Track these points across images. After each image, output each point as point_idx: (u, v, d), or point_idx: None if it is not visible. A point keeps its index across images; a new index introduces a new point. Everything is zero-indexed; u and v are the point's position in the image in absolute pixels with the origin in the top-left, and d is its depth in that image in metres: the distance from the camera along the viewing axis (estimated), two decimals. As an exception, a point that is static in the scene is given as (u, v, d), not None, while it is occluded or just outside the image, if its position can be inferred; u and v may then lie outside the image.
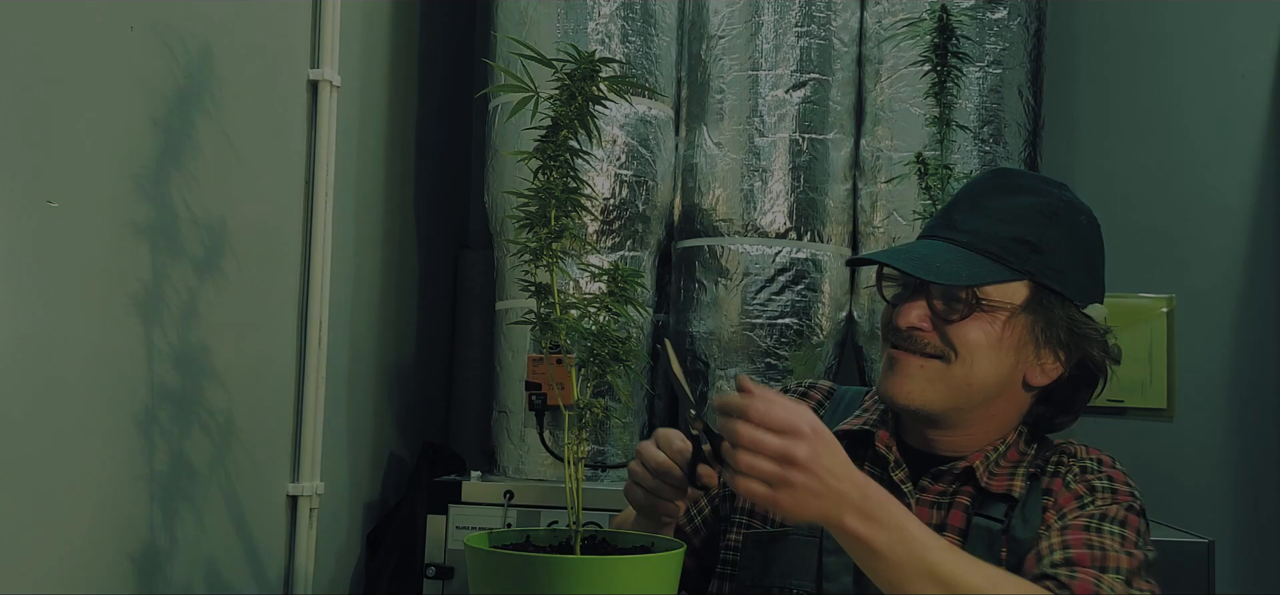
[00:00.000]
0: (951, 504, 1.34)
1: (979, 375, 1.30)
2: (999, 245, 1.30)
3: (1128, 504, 1.30)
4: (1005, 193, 1.34)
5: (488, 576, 1.09)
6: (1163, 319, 2.87)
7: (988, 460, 1.34)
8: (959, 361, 1.29)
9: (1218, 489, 2.84)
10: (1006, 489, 1.32)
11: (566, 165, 1.12)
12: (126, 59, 1.57)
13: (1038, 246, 1.30)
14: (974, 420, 1.34)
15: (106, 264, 1.54)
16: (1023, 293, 1.30)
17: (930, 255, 1.31)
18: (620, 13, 2.36)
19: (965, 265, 1.29)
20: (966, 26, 2.23)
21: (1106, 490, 1.30)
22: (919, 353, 1.31)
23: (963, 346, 1.29)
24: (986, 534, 1.30)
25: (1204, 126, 2.91)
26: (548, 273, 1.13)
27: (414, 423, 2.69)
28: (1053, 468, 1.34)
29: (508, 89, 1.11)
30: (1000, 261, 1.29)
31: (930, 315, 1.30)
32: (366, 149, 2.40)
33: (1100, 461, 1.35)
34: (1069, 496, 1.31)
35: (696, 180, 2.44)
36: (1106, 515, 1.27)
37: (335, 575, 2.30)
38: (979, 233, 1.31)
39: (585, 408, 1.14)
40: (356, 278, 2.36)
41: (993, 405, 1.33)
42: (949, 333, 1.29)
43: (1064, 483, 1.32)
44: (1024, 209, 1.32)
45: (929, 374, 1.30)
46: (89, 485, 1.52)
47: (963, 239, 1.31)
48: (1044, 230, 1.31)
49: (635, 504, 1.35)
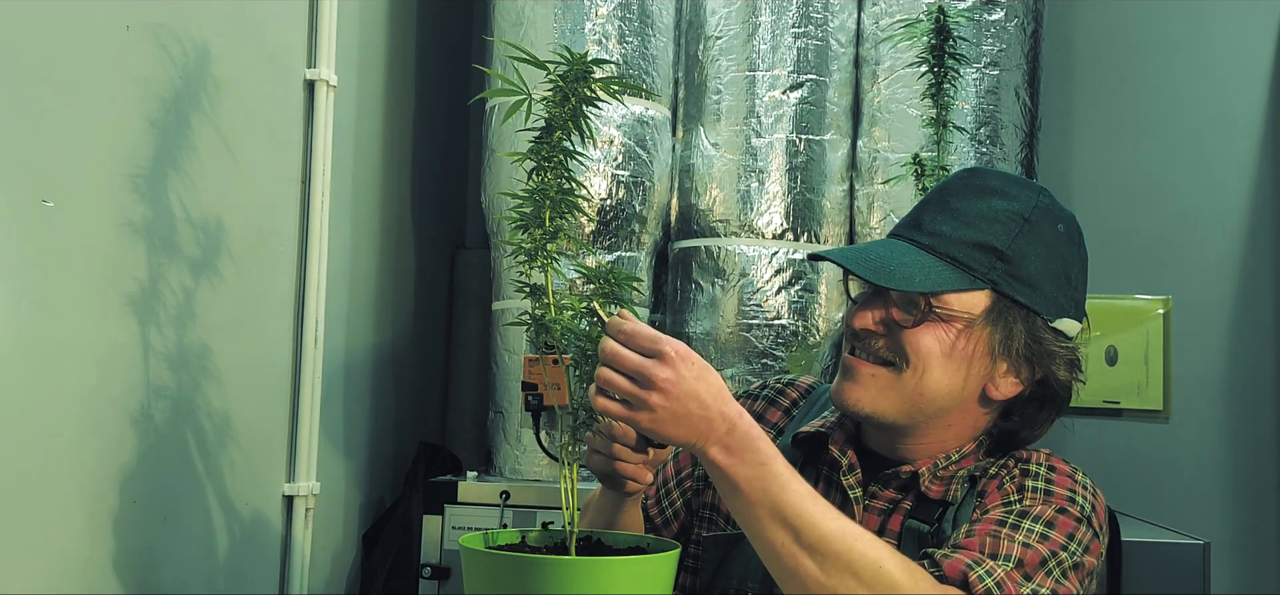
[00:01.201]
0: (895, 510, 1.30)
1: (930, 385, 1.24)
2: (963, 251, 1.24)
3: (1060, 507, 1.21)
4: (977, 194, 1.27)
5: (483, 577, 1.10)
6: (1159, 320, 2.87)
7: (935, 468, 1.28)
8: (910, 370, 1.24)
9: (1214, 491, 2.84)
10: (943, 494, 1.27)
11: (561, 166, 1.12)
12: (123, 59, 1.57)
13: (1004, 254, 1.24)
14: (929, 430, 1.28)
15: (102, 264, 1.54)
16: (983, 303, 1.24)
17: (889, 258, 1.25)
18: (617, 13, 2.36)
19: (924, 270, 1.23)
20: (963, 28, 2.23)
21: (1040, 492, 1.23)
22: (871, 358, 1.26)
23: (914, 354, 1.23)
24: (916, 535, 1.26)
25: (1201, 128, 2.91)
26: (543, 273, 1.13)
27: (410, 423, 2.69)
28: (995, 471, 1.28)
29: (501, 93, 1.11)
30: (962, 268, 1.23)
31: (885, 320, 1.25)
32: (363, 149, 2.40)
33: (1052, 467, 1.27)
34: (997, 496, 1.24)
35: (693, 181, 2.44)
36: (1028, 513, 1.20)
37: (331, 575, 2.30)
38: (943, 236, 1.25)
39: (580, 408, 1.14)
40: (353, 278, 2.35)
41: (948, 417, 1.28)
42: (902, 339, 1.24)
43: (999, 484, 1.26)
44: (994, 213, 1.25)
45: (880, 382, 1.25)
46: (84, 484, 1.51)
47: (926, 241, 1.25)
48: (1014, 237, 1.24)
49: (596, 471, 1.31)
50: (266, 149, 1.98)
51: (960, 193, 1.28)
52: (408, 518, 2.35)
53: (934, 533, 1.26)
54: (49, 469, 1.45)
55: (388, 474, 2.57)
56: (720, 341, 2.36)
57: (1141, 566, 2.09)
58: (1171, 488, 2.83)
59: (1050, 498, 1.22)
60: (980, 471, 1.29)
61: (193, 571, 1.77)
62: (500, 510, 2.23)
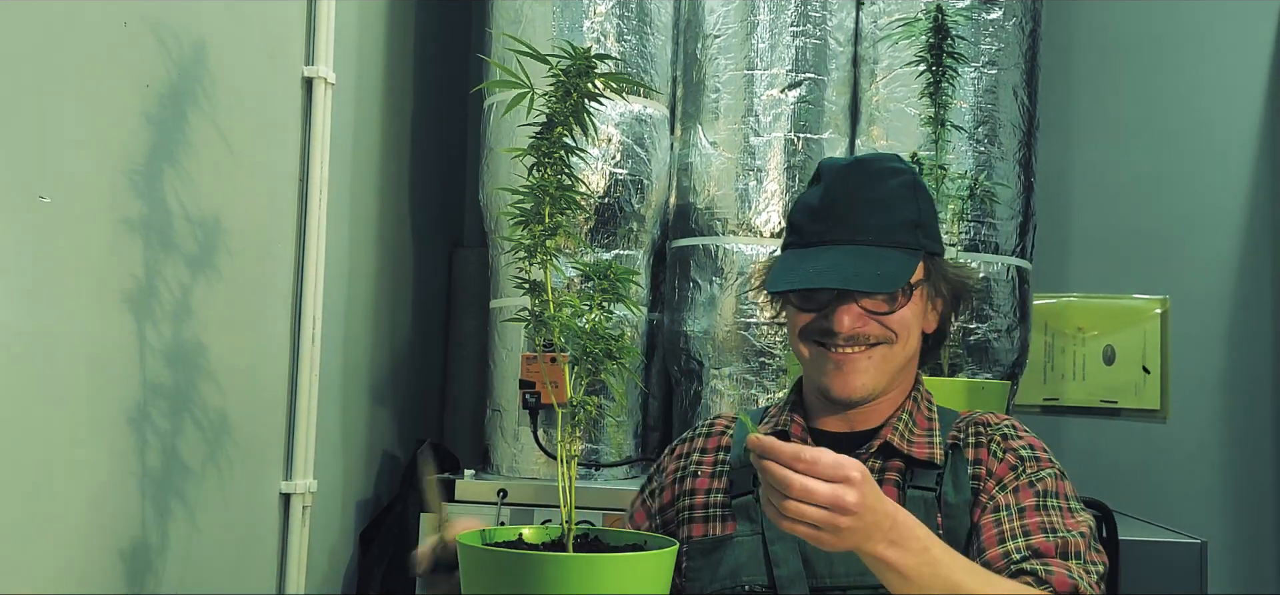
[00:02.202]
0: (882, 481, 1.42)
1: (912, 345, 1.46)
2: (901, 234, 1.42)
3: (1052, 471, 1.41)
4: (875, 179, 1.44)
5: (480, 574, 1.09)
6: (1157, 320, 2.87)
7: (897, 429, 1.45)
8: (900, 341, 1.43)
9: (1211, 490, 2.84)
10: (928, 457, 1.43)
11: (561, 162, 1.12)
12: (120, 54, 1.56)
13: (919, 222, 1.44)
14: (897, 383, 1.47)
15: (99, 260, 1.54)
16: (922, 265, 1.44)
17: (860, 265, 1.39)
18: (616, 11, 2.36)
19: (893, 264, 1.40)
20: (962, 27, 2.23)
21: (1032, 459, 1.41)
22: (865, 346, 1.42)
23: (902, 328, 1.43)
24: (923, 503, 1.40)
25: (1199, 128, 2.91)
26: (541, 270, 1.13)
27: (408, 421, 2.69)
28: (972, 439, 1.45)
29: (503, 84, 1.11)
30: (906, 248, 1.42)
31: (865, 313, 1.41)
32: (361, 146, 2.39)
33: (1013, 426, 1.46)
34: (1003, 466, 1.41)
35: (691, 179, 2.44)
36: (1047, 489, 1.38)
37: (328, 573, 2.30)
38: (881, 228, 1.41)
39: (578, 406, 1.13)
40: (350, 275, 2.35)
41: (910, 363, 1.48)
42: (887, 321, 1.42)
43: (990, 452, 1.43)
44: (899, 192, 1.44)
45: (876, 361, 1.42)
46: (81, 483, 1.51)
47: (870, 238, 1.41)
48: (918, 204, 1.45)
49: None
50: (264, 146, 1.97)
51: (863, 184, 1.44)
52: (405, 516, 2.34)
53: (938, 497, 1.41)
54: (45, 466, 1.44)
55: (385, 472, 2.56)
56: (718, 340, 2.36)
57: (1139, 565, 2.09)
58: (1169, 487, 2.83)
59: (1040, 463, 1.41)
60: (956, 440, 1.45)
61: (190, 569, 1.77)
62: (498, 508, 2.23)
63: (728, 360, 2.36)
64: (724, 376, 2.36)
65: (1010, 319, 2.36)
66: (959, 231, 2.31)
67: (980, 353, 2.33)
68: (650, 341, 2.52)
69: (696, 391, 2.40)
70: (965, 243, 2.33)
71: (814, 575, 1.39)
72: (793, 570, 1.40)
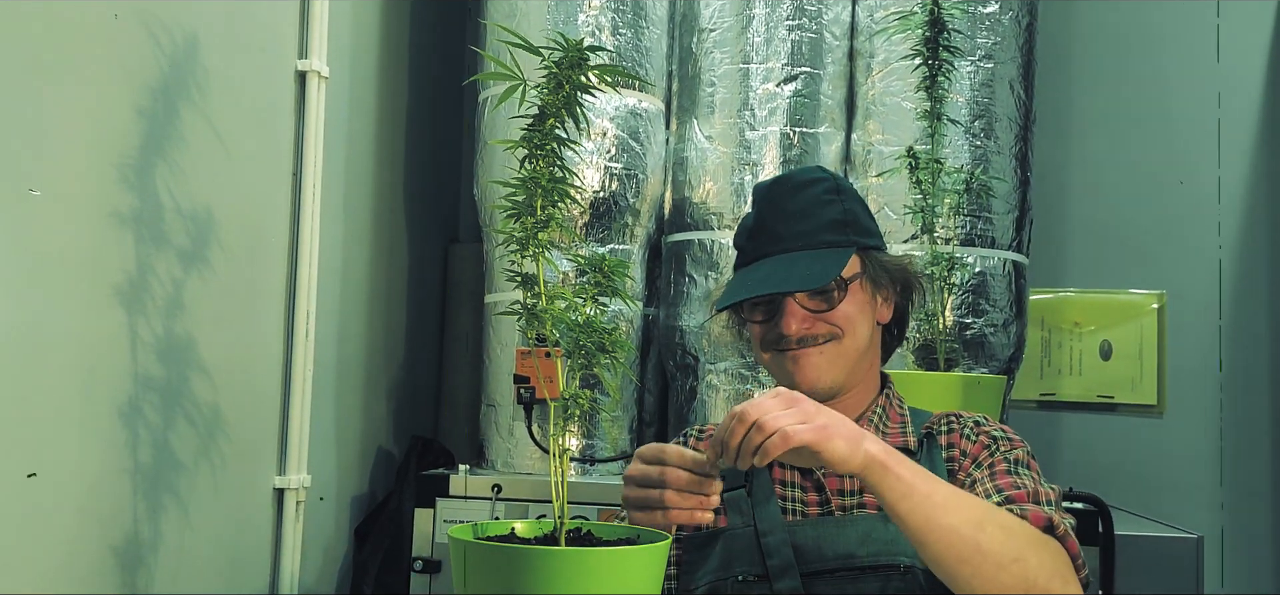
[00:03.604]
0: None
1: (861, 338, 1.53)
2: (827, 233, 1.51)
3: (1025, 448, 1.49)
4: (794, 192, 1.54)
5: (472, 568, 1.08)
6: (1153, 315, 2.87)
7: (872, 422, 1.53)
8: (847, 335, 1.51)
9: (1207, 485, 2.84)
10: (903, 444, 1.49)
11: (553, 154, 1.11)
12: (110, 47, 1.56)
13: (845, 221, 1.53)
14: (860, 375, 1.55)
15: (90, 254, 1.53)
16: (856, 261, 1.53)
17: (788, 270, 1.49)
18: (611, 5, 2.35)
19: (818, 263, 1.49)
20: (958, 20, 2.23)
21: (1004, 439, 1.49)
22: (815, 344, 1.50)
23: (846, 322, 1.51)
24: None
25: (1195, 123, 2.91)
26: (534, 263, 1.12)
27: (402, 416, 2.68)
28: (945, 428, 1.53)
29: (495, 76, 1.10)
30: (835, 246, 1.51)
31: (810, 314, 1.50)
32: (355, 141, 2.39)
33: (985, 417, 1.55)
34: (977, 446, 1.49)
35: (687, 174, 2.43)
36: (1019, 461, 1.46)
37: (322, 569, 2.29)
38: (806, 233, 1.51)
39: (571, 399, 1.13)
40: (344, 270, 2.34)
41: (869, 354, 1.56)
42: (831, 318, 1.51)
43: (963, 435, 1.51)
44: (819, 198, 1.54)
45: (829, 356, 1.51)
46: (72, 478, 1.50)
47: (798, 245, 1.51)
48: (842, 205, 1.54)
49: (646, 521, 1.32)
50: (257, 140, 1.96)
51: (783, 197, 1.54)
52: (399, 511, 2.34)
53: None
54: (36, 462, 1.44)
55: (380, 467, 2.56)
56: (713, 335, 2.35)
57: (1135, 560, 2.08)
58: (1165, 482, 2.82)
59: (1012, 444, 1.49)
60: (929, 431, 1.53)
61: (183, 566, 1.76)
62: (492, 503, 2.22)
63: (723, 355, 2.35)
64: (719, 371, 2.35)
65: (1006, 313, 2.35)
66: (955, 225, 2.31)
67: (976, 347, 2.32)
68: (646, 336, 2.51)
69: (691, 387, 2.39)
70: (961, 237, 2.32)
71: (804, 562, 1.43)
72: (784, 560, 1.43)
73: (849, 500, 1.48)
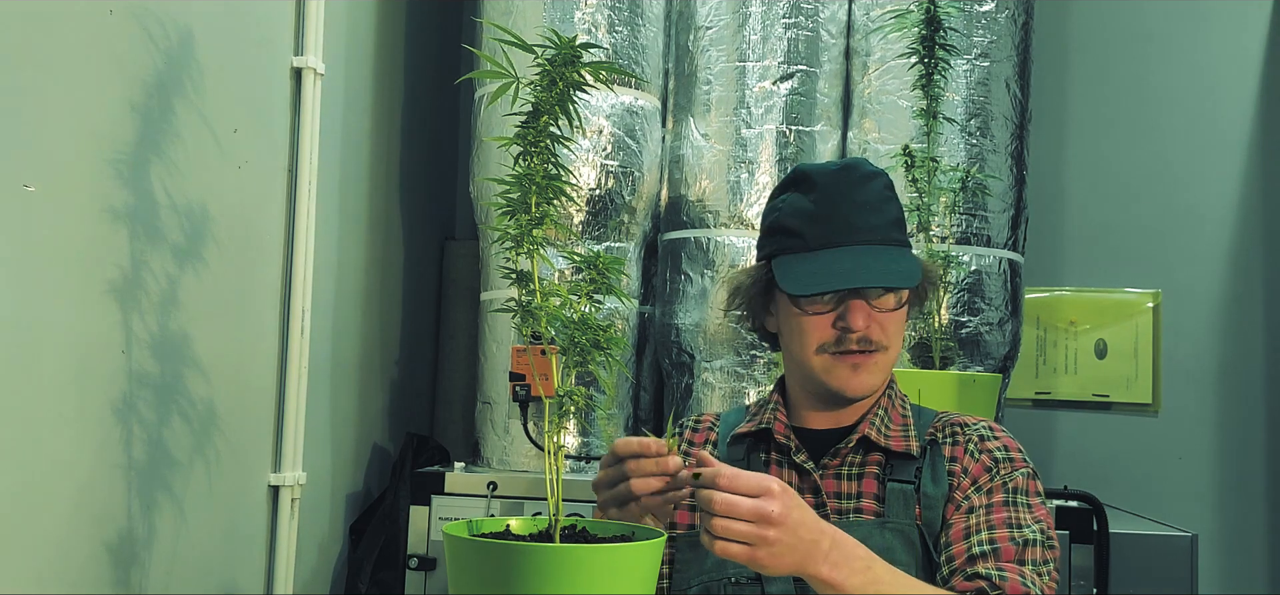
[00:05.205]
0: (862, 474, 1.48)
1: (900, 346, 1.50)
2: (895, 231, 1.46)
3: (1025, 470, 1.45)
4: (861, 182, 1.46)
5: (466, 565, 1.09)
6: (1149, 314, 2.87)
7: (874, 423, 1.49)
8: (892, 346, 1.47)
9: (1202, 483, 2.84)
10: (906, 449, 1.47)
11: (547, 151, 1.11)
12: (105, 42, 1.55)
13: (902, 220, 1.49)
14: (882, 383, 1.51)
15: (85, 251, 1.52)
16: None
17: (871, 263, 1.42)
18: (607, 2, 2.35)
19: (903, 262, 1.44)
20: (954, 19, 2.23)
21: (1006, 460, 1.45)
22: (872, 351, 1.45)
23: (899, 333, 1.47)
24: (902, 495, 1.45)
25: (1191, 122, 2.91)
26: (528, 260, 1.12)
27: (398, 414, 2.68)
28: (949, 437, 1.49)
29: (489, 74, 1.10)
30: (902, 246, 1.46)
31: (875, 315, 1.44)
32: (351, 138, 2.38)
33: (990, 427, 1.50)
34: (978, 466, 1.45)
35: (683, 171, 2.43)
36: (1018, 488, 1.43)
37: (317, 566, 2.29)
38: (879, 229, 1.44)
39: (566, 396, 1.13)
40: (340, 267, 2.34)
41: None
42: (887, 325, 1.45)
43: (966, 451, 1.47)
44: (882, 193, 1.47)
45: (880, 364, 1.46)
46: (66, 475, 1.50)
47: (874, 238, 1.44)
48: (897, 204, 1.48)
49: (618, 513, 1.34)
50: (253, 137, 1.96)
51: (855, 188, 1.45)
52: (395, 509, 2.34)
53: (916, 488, 1.45)
54: (30, 459, 1.43)
55: (375, 465, 2.56)
56: (709, 333, 2.35)
57: (1129, 558, 2.09)
58: (1160, 480, 2.83)
59: (1014, 464, 1.46)
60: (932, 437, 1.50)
61: (177, 563, 1.76)
62: (487, 501, 2.22)
63: (719, 353, 2.35)
64: (715, 369, 2.35)
65: (1002, 312, 2.36)
66: (950, 224, 2.31)
67: (972, 346, 2.33)
68: (641, 334, 2.51)
69: (687, 384, 2.39)
70: (957, 235, 2.32)
71: None
72: None
73: (846, 503, 1.47)
